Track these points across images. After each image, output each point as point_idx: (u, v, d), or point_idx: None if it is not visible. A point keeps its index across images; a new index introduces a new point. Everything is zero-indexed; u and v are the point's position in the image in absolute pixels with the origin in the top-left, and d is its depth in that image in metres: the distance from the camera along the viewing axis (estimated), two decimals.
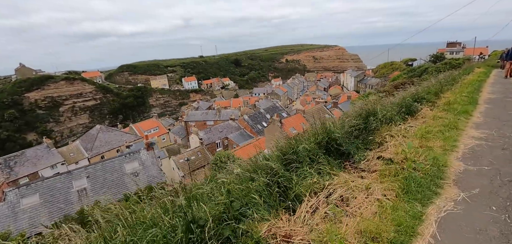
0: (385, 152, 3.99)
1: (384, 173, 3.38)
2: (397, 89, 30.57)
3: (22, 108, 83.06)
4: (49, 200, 19.17)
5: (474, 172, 3.87)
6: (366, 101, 7.60)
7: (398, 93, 14.53)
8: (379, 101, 7.47)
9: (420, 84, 11.71)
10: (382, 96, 30.22)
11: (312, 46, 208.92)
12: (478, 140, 5.08)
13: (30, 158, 41.27)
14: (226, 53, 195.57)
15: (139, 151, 22.75)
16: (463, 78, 15.73)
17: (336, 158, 3.90)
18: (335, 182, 3.20)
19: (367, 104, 5.77)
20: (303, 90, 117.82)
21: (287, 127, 34.43)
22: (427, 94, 8.26)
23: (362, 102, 6.57)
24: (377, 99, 15.67)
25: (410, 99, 6.98)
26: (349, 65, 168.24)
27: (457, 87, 11.01)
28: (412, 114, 6.59)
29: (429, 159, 3.80)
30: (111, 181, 20.72)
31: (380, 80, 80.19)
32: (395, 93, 33.87)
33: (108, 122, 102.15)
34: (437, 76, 14.55)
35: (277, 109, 52.78)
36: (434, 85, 9.67)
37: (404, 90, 16.25)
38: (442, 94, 9.26)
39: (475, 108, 7.80)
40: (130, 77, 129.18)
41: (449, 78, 12.92)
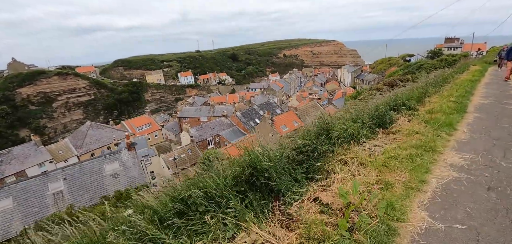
0: (326, 193, 3.09)
1: (310, 230, 2.38)
2: (392, 87, 29.71)
3: (14, 104, 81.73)
4: (23, 204, 18.33)
5: (441, 234, 2.70)
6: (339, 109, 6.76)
7: (394, 90, 13.61)
8: (353, 108, 6.60)
9: (404, 86, 10.80)
10: (373, 94, 29.20)
11: (310, 41, 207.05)
12: (458, 171, 3.98)
13: (17, 156, 40.35)
14: (223, 48, 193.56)
15: (120, 151, 21.87)
16: (456, 77, 14.74)
17: (264, 196, 3.04)
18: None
19: (322, 117, 4.86)
20: (300, 85, 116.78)
21: (278, 124, 33.63)
22: (408, 99, 7.27)
23: (320, 113, 5.63)
24: (364, 98, 14.70)
25: (384, 108, 6.03)
26: (347, 60, 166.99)
27: (447, 89, 10.04)
28: (384, 127, 5.70)
29: (380, 207, 2.75)
30: (89, 183, 19.88)
31: (377, 76, 79.30)
32: (383, 91, 32.31)
33: (103, 117, 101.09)
34: (428, 76, 13.58)
35: (271, 106, 51.85)
36: (418, 89, 8.76)
37: (398, 87, 15.33)
38: (428, 98, 8.33)
39: (462, 118, 6.79)
40: (125, 72, 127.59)
41: (439, 79, 11.96)
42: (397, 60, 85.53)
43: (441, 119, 6.18)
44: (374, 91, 29.69)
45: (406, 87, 9.95)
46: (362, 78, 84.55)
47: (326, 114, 5.39)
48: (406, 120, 6.07)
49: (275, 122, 33.88)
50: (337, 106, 46.66)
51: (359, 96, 32.26)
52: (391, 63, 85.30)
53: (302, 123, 35.76)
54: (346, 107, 7.05)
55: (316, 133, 4.34)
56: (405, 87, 10.36)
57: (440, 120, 6.06)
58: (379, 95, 14.57)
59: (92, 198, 19.31)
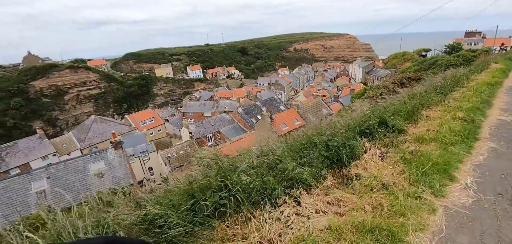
0: None
1: None
2: (402, 86, 27.38)
3: (28, 97, 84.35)
4: (4, 202, 17.99)
5: None
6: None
7: (405, 90, 11.48)
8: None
9: (395, 94, 8.98)
10: (379, 93, 26.77)
11: (322, 35, 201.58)
12: None
13: (22, 148, 41.10)
14: (232, 41, 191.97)
15: (106, 150, 21.19)
16: (472, 79, 12.11)
17: None
18: None
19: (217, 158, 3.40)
20: (310, 80, 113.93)
21: (278, 123, 32.08)
22: (391, 117, 5.33)
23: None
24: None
25: (348, 133, 4.33)
26: (360, 54, 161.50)
27: (457, 97, 7.91)
28: (341, 166, 3.93)
29: None
30: (72, 182, 19.30)
31: (389, 71, 75.55)
32: (396, 91, 29.48)
33: (113, 110, 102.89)
34: (433, 77, 11.56)
35: (275, 103, 50.21)
36: (411, 98, 6.89)
37: (410, 87, 13.21)
38: (427, 111, 6.32)
39: (469, 152, 4.51)
40: (135, 65, 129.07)
41: (448, 81, 9.65)
42: (412, 55, 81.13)
43: (432, 156, 4.05)
44: (381, 89, 27.52)
45: (401, 94, 8.16)
46: (374, 74, 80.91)
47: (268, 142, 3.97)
48: (378, 154, 4.24)
49: (275, 120, 32.34)
50: (344, 104, 44.42)
51: (366, 94, 30.11)
52: (406, 59, 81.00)
53: (303, 122, 34.04)
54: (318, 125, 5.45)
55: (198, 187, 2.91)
56: (398, 94, 8.63)
57: (429, 160, 3.93)
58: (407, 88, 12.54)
59: (74, 199, 18.62)
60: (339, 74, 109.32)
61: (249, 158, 3.64)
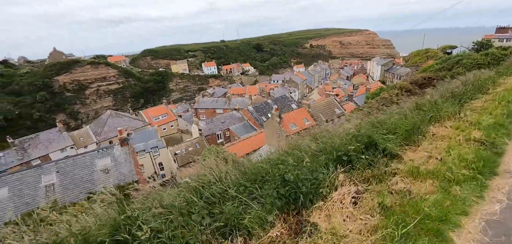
0: None
1: None
2: (420, 87, 25.55)
3: (52, 91, 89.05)
4: (17, 194, 18.75)
5: None
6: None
7: (425, 93, 9.96)
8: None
9: (394, 107, 7.71)
10: (393, 93, 25.18)
11: (340, 31, 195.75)
12: None
13: (43, 140, 43.25)
14: (248, 38, 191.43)
15: (113, 146, 21.51)
16: (500, 82, 10.43)
17: None
18: None
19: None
20: (325, 78, 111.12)
21: (286, 122, 31.22)
22: (385, 136, 4.24)
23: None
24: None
25: (319, 160, 3.53)
26: (379, 51, 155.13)
27: (476, 107, 6.54)
28: (298, 208, 3.03)
29: None
30: (80, 177, 19.77)
31: (410, 70, 71.78)
32: (414, 92, 27.77)
33: (130, 105, 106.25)
34: (450, 81, 10.26)
35: (287, 101, 49.20)
36: (420, 108, 5.84)
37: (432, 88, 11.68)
38: (435, 126, 5.18)
39: (481, 196, 3.31)
40: (152, 61, 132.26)
41: (468, 87, 8.06)
42: (436, 52, 76.53)
43: (424, 204, 2.96)
44: (397, 89, 25.81)
45: (406, 103, 7.10)
46: (393, 72, 77.21)
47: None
48: (352, 192, 3.17)
49: (284, 119, 31.47)
50: (359, 103, 42.61)
51: (381, 94, 28.40)
52: (429, 56, 76.59)
53: (313, 121, 32.94)
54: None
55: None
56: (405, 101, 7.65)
57: (419, 210, 2.87)
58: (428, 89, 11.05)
59: (80, 193, 19.13)
60: (356, 72, 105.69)
61: (175, 195, 3.00)
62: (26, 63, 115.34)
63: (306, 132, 6.19)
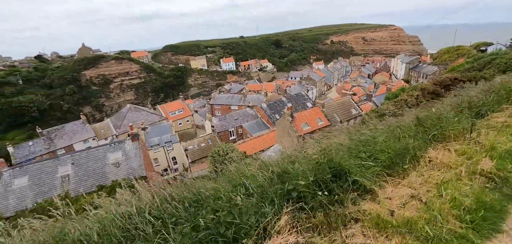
0: None
1: None
2: (445, 89, 23.50)
3: (80, 84, 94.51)
4: (36, 183, 19.90)
5: None
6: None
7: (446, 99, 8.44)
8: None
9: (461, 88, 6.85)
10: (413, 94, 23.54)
11: (363, 26, 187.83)
12: None
13: (68, 132, 45.96)
14: (267, 34, 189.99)
15: (124, 141, 22.12)
16: None
17: None
18: None
19: None
20: (345, 76, 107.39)
21: (299, 122, 30.37)
22: (360, 165, 3.36)
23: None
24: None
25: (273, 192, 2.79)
26: (405, 48, 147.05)
27: (498, 123, 5.15)
28: None
29: None
30: (92, 169, 20.56)
31: (437, 68, 67.11)
32: (438, 93, 25.70)
33: (151, 99, 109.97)
34: (471, 88, 9.05)
35: (302, 99, 48.05)
36: (422, 123, 4.88)
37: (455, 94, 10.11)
38: (437, 148, 4.16)
39: None
40: (172, 57, 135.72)
41: (491, 96, 6.41)
42: (469, 49, 70.75)
43: None
44: (417, 92, 23.99)
45: (408, 115, 6.17)
46: (419, 70, 72.61)
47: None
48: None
49: (296, 118, 30.62)
50: (378, 103, 40.51)
51: (400, 96, 26.57)
52: (460, 54, 71.06)
53: (327, 122, 31.80)
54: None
55: None
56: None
57: None
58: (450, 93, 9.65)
59: (92, 185, 19.88)
60: (378, 69, 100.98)
61: None
62: (58, 58, 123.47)
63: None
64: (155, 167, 39.97)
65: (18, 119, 75.70)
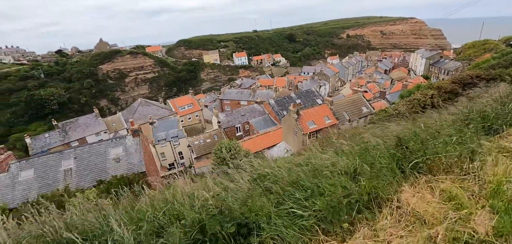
0: None
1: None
2: (465, 87, 21.57)
3: (97, 78, 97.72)
4: (40, 176, 20.38)
5: None
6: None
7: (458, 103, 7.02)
8: None
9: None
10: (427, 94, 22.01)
11: (381, 19, 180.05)
12: None
13: (81, 124, 47.45)
14: (280, 28, 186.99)
15: (125, 136, 22.16)
16: None
17: None
18: None
19: None
20: (360, 71, 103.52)
21: (305, 120, 29.26)
22: (283, 225, 2.29)
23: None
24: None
25: None
26: (427, 42, 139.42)
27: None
28: None
29: None
30: (94, 164, 20.76)
31: (461, 64, 62.81)
32: (457, 92, 23.83)
33: (164, 93, 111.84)
34: (483, 95, 7.60)
35: (311, 95, 46.58)
36: (403, 143, 3.70)
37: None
38: (418, 183, 2.99)
39: None
40: (185, 51, 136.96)
41: (510, 106, 4.83)
42: (496, 44, 65.58)
43: None
44: (432, 91, 22.16)
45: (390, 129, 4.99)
46: (440, 66, 68.35)
47: None
48: None
49: (302, 116, 29.52)
50: (390, 101, 38.40)
51: (413, 95, 24.71)
52: (487, 48, 66.04)
53: (335, 120, 30.45)
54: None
55: None
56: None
57: None
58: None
59: (93, 179, 20.07)
60: (396, 65, 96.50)
61: None
62: (77, 52, 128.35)
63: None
64: (162, 161, 40.42)
65: (40, 112, 79.56)
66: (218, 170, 8.03)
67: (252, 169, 3.22)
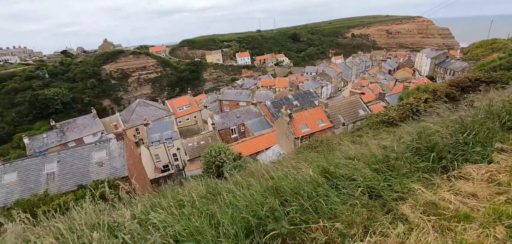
0: None
1: None
2: (463, 91, 20.46)
3: (100, 78, 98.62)
4: (23, 179, 20.17)
5: None
6: None
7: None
8: None
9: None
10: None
11: (387, 18, 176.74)
12: None
13: (79, 125, 47.64)
14: (284, 27, 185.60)
15: (110, 140, 21.80)
16: None
17: None
18: None
19: None
20: (364, 71, 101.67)
21: (297, 123, 28.43)
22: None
23: None
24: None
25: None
26: (434, 41, 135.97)
27: (493, 170, 3.03)
28: None
29: None
30: (76, 168, 20.45)
31: (467, 64, 60.75)
32: (454, 97, 22.74)
33: (167, 93, 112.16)
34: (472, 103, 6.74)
35: (310, 97, 45.62)
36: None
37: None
38: (381, 222, 2.43)
39: None
40: (189, 51, 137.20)
41: (504, 114, 4.09)
42: (505, 43, 63.24)
43: None
44: (426, 94, 21.04)
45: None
46: (446, 66, 66.27)
47: None
48: None
49: (295, 119, 28.69)
50: (390, 103, 37.10)
51: (405, 99, 23.54)
52: (495, 48, 63.68)
53: (329, 123, 29.51)
54: None
55: None
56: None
57: None
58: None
59: (75, 183, 19.76)
60: (401, 65, 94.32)
61: None
62: (83, 52, 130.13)
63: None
64: (157, 163, 40.17)
65: (44, 111, 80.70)
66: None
67: None
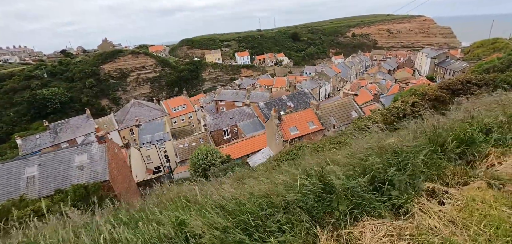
0: None
1: None
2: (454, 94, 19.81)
3: (98, 78, 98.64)
4: (3, 183, 19.83)
5: None
6: None
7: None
8: None
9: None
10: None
11: (389, 17, 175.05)
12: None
13: (72, 126, 47.45)
14: (284, 27, 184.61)
15: (92, 143, 21.42)
16: None
17: None
18: None
19: None
20: (363, 71, 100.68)
21: (287, 125, 27.87)
22: None
23: None
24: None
25: None
26: (435, 40, 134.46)
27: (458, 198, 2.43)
28: None
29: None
30: (57, 172, 20.08)
31: (467, 64, 59.70)
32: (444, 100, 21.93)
33: (166, 93, 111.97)
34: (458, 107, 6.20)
35: (304, 97, 44.98)
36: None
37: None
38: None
39: None
40: (188, 51, 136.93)
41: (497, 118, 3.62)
42: (507, 43, 62.01)
43: None
44: (414, 98, 20.38)
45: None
46: (445, 66, 65.24)
47: None
48: None
49: (284, 121, 28.13)
50: (386, 104, 36.37)
51: (396, 102, 22.87)
52: (496, 48, 62.48)
53: (320, 126, 28.90)
54: None
55: None
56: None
57: None
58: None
59: (55, 187, 19.39)
60: (401, 65, 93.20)
61: None
62: (82, 52, 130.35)
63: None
64: (148, 164, 39.82)
65: (42, 111, 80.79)
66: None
67: None
